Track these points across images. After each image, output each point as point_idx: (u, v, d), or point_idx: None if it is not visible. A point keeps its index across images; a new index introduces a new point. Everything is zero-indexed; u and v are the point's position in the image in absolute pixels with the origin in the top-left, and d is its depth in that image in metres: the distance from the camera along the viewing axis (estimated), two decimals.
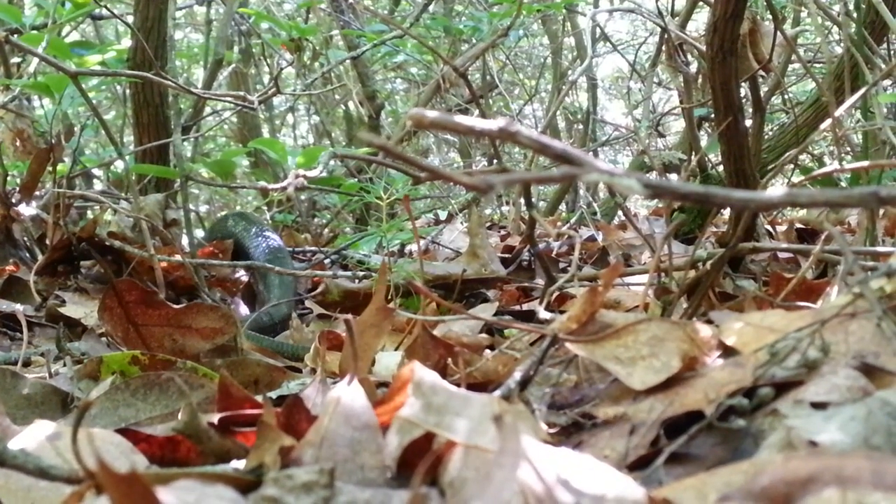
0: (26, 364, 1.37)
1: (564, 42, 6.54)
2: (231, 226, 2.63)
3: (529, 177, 0.58)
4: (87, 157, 3.89)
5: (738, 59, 1.72)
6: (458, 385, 0.74)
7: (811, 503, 0.48)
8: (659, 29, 2.69)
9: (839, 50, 2.96)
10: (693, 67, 2.66)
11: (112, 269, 1.94)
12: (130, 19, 3.14)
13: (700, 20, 4.88)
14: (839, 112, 2.03)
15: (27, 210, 2.29)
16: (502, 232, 3.35)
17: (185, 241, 2.55)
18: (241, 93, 2.71)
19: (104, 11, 3.32)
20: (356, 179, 3.29)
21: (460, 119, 0.58)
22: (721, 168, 2.05)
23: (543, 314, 1.22)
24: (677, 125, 6.15)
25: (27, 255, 2.26)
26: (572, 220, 3.56)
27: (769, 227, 2.72)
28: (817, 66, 3.93)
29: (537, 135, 0.58)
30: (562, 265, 2.44)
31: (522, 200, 1.83)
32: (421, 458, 0.57)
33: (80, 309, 1.75)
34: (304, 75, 4.54)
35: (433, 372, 0.70)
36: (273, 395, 1.05)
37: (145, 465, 0.77)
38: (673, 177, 2.97)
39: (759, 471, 0.54)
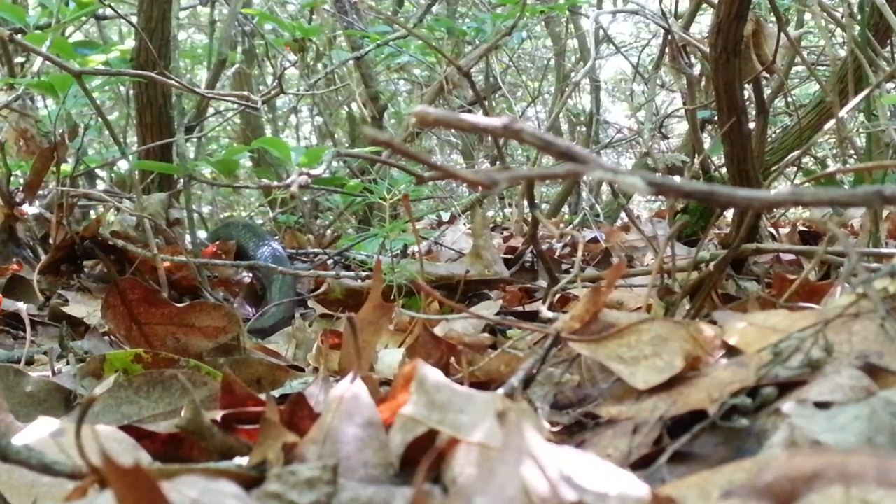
0: (29, 362, 1.37)
1: (568, 44, 6.54)
2: (234, 235, 2.63)
3: (533, 174, 0.58)
4: (91, 156, 3.89)
5: (742, 60, 1.72)
6: (461, 384, 0.74)
7: (815, 500, 0.48)
8: (662, 31, 2.69)
9: (843, 52, 2.96)
10: (696, 69, 2.66)
11: (115, 269, 1.94)
12: (134, 19, 3.15)
13: (703, 22, 4.88)
14: (842, 113, 2.03)
15: (31, 209, 2.29)
16: (505, 233, 3.35)
17: (188, 240, 2.56)
18: (245, 93, 2.72)
19: (108, 11, 3.33)
20: (359, 180, 3.29)
21: (464, 116, 0.58)
22: (724, 170, 2.05)
23: (546, 314, 1.23)
24: (680, 127, 6.15)
25: (30, 254, 2.26)
26: (575, 222, 3.56)
27: (772, 230, 2.72)
28: (821, 68, 3.93)
29: (541, 132, 0.58)
30: (564, 266, 2.44)
31: (525, 201, 1.83)
32: (424, 456, 0.57)
33: (83, 308, 1.75)
34: (308, 76, 4.54)
35: (436, 369, 0.70)
36: (276, 393, 1.05)
37: (148, 461, 0.77)
38: (676, 179, 2.96)
39: (763, 468, 0.54)
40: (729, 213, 2.80)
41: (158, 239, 2.21)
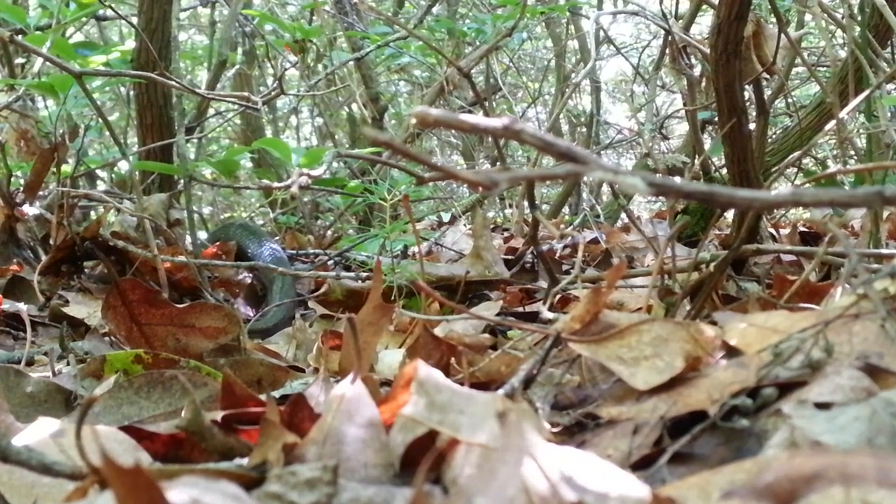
0: (30, 363, 1.37)
1: (568, 45, 6.54)
2: (234, 236, 2.63)
3: (534, 174, 0.58)
4: (91, 157, 3.89)
5: (742, 61, 1.72)
6: (461, 385, 0.74)
7: (815, 500, 0.48)
8: (663, 32, 2.69)
9: (843, 53, 2.96)
10: (697, 70, 2.66)
11: (115, 269, 1.94)
12: (135, 20, 3.15)
13: (704, 23, 4.88)
14: (843, 114, 2.03)
15: (31, 210, 2.29)
16: (506, 234, 3.35)
17: (188, 241, 2.56)
18: (245, 94, 2.72)
19: (108, 12, 3.32)
20: (360, 181, 3.29)
21: (464, 117, 0.58)
22: (725, 171, 2.05)
23: (547, 315, 1.23)
24: (681, 128, 6.15)
25: (31, 254, 2.26)
26: (576, 223, 3.56)
27: (773, 230, 2.72)
28: (821, 69, 3.93)
29: (541, 133, 0.58)
30: (565, 267, 2.44)
31: (526, 202, 1.83)
32: (424, 456, 0.57)
33: (84, 308, 1.75)
34: (308, 77, 4.54)
35: (436, 370, 0.70)
36: (276, 393, 1.05)
37: (149, 462, 0.77)
38: (677, 179, 2.95)
39: (764, 468, 0.54)
40: (729, 214, 2.80)
41: (159, 240, 2.21)
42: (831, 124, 2.41)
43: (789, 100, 3.69)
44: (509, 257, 2.38)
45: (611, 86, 8.13)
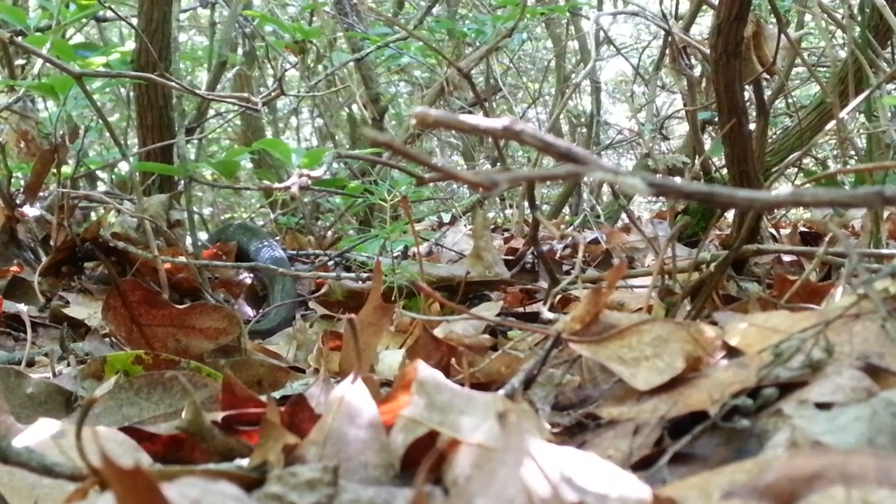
0: (30, 364, 1.37)
1: (568, 45, 6.54)
2: (234, 237, 2.63)
3: (534, 174, 0.58)
4: (91, 158, 3.89)
5: (742, 61, 1.72)
6: (462, 385, 0.74)
7: (816, 500, 0.48)
8: (663, 32, 2.69)
9: (843, 53, 2.95)
10: (697, 70, 2.66)
11: (116, 270, 1.94)
12: (135, 21, 3.15)
13: (704, 23, 4.88)
14: (843, 114, 2.03)
15: (31, 211, 2.29)
16: (506, 234, 3.35)
17: (188, 242, 2.56)
18: (245, 95, 2.72)
19: (108, 13, 3.33)
20: (360, 181, 3.29)
21: (464, 117, 0.58)
22: (725, 171, 2.05)
23: (547, 315, 1.22)
24: (681, 129, 6.15)
25: (31, 256, 2.26)
26: (576, 223, 3.56)
27: (773, 230, 2.72)
28: (821, 69, 3.93)
29: (541, 134, 0.58)
30: (565, 268, 2.44)
31: (526, 203, 1.83)
32: (425, 457, 0.57)
33: (84, 309, 1.75)
34: (308, 78, 4.55)
35: (437, 371, 0.70)
36: (277, 394, 1.05)
37: (149, 463, 0.77)
38: (677, 180, 2.95)
39: (764, 468, 0.54)
40: (730, 214, 2.80)
41: (159, 240, 2.21)
42: (831, 124, 2.41)
43: (789, 100, 3.69)
44: (510, 258, 2.38)
45: (611, 86, 8.13)
